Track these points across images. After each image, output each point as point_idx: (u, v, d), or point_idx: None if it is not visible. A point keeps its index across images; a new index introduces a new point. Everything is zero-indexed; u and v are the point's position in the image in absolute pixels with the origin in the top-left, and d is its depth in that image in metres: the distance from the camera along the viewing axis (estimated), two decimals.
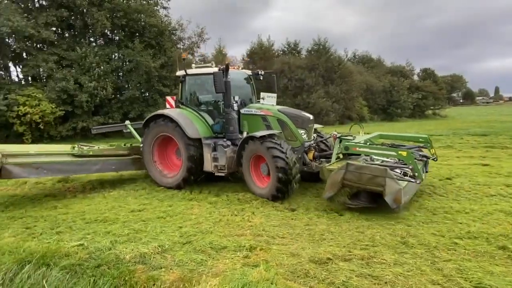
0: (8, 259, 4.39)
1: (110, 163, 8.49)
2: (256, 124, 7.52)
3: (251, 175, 6.99)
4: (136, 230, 5.12)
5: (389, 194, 5.18)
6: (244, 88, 8.46)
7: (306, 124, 7.31)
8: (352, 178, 5.51)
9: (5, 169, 6.55)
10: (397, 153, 5.91)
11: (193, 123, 7.66)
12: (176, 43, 26.73)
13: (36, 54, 21.33)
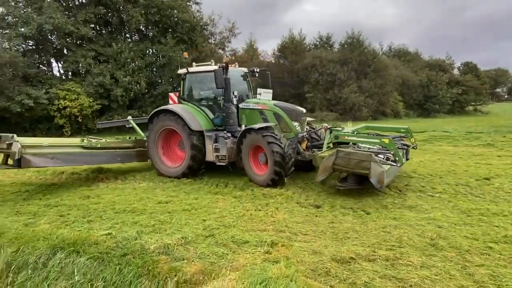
0: (42, 245, 4.66)
1: (116, 154, 9.25)
2: (254, 117, 8.14)
3: (250, 164, 7.62)
4: (161, 222, 5.25)
5: (374, 176, 5.87)
6: (241, 84, 9.05)
7: (300, 117, 8.00)
8: (342, 163, 6.23)
9: (25, 159, 7.14)
10: (380, 141, 6.74)
11: (195, 117, 8.28)
12: (208, 38, 27.03)
13: (76, 50, 22.37)
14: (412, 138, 8.16)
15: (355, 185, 6.50)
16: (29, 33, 19.85)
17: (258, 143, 7.30)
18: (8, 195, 7.33)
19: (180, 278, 3.69)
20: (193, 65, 9.12)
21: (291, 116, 7.86)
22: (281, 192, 6.68)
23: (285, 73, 34.55)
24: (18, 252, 4.63)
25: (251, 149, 7.55)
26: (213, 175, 8.52)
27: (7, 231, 5.17)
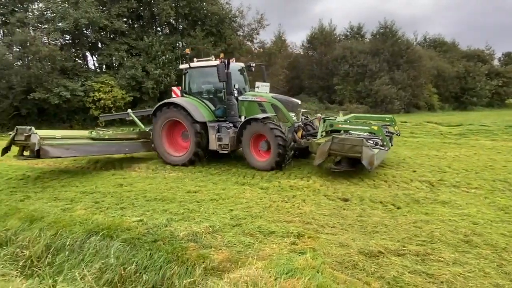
0: (78, 229, 4.91)
1: (124, 145, 9.88)
2: (253, 109, 8.77)
3: (251, 151, 8.29)
4: (190, 210, 5.38)
5: (365, 159, 6.60)
6: (239, 78, 9.58)
7: (295, 108, 8.78)
8: (337, 148, 6.98)
9: (43, 149, 7.62)
10: (370, 128, 7.79)
11: (198, 108, 8.86)
12: (236, 30, 27.05)
13: (109, 44, 23.11)
14: (396, 126, 9.16)
15: (348, 167, 7.21)
16: (66, 27, 20.70)
17: (261, 131, 7.99)
18: (47, 182, 7.76)
19: (208, 265, 3.78)
20: (194, 60, 9.57)
21: (287, 107, 8.59)
22: (309, 184, 6.64)
23: (314, 64, 34.08)
24: (56, 235, 4.90)
25: (252, 137, 8.25)
26: (241, 166, 8.60)
27: (47, 215, 5.49)
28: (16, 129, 8.03)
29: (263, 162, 8.08)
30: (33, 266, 4.42)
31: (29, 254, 4.68)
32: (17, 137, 7.88)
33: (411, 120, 19.89)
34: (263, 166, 8.06)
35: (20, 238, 5.07)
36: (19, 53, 20.45)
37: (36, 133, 7.67)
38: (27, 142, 7.69)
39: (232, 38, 25.04)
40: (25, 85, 19.24)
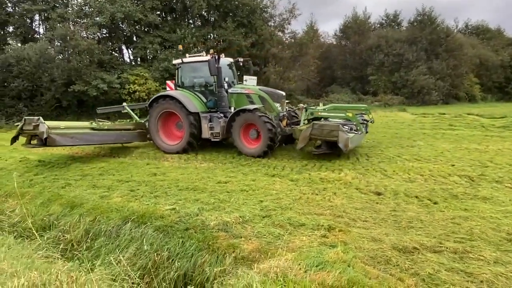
0: (115, 216, 5.13)
1: (122, 135, 10.60)
2: (242, 100, 9.48)
3: (241, 139, 9.02)
4: (221, 200, 5.46)
5: (341, 142, 7.46)
6: (228, 72, 10.24)
7: (280, 99, 9.58)
8: (316, 133, 7.87)
9: (50, 138, 8.32)
10: (345, 115, 8.75)
11: (191, 100, 9.61)
12: (267, 21, 26.81)
13: (144, 37, 23.69)
14: (370, 115, 10.25)
15: (327, 150, 8.10)
16: (103, 22, 21.41)
17: (251, 121, 8.76)
18: (86, 171, 8.14)
19: (238, 255, 3.83)
20: (187, 56, 10.39)
21: (273, 98, 9.39)
22: (340, 177, 6.52)
23: (346, 54, 33.23)
24: (94, 221, 5.15)
25: (242, 127, 8.97)
26: (271, 158, 8.59)
27: (86, 202, 5.77)
28: (24, 119, 8.63)
29: (253, 149, 8.84)
30: (73, 250, 4.68)
31: (70, 238, 4.96)
32: (25, 126, 8.47)
33: (450, 111, 18.96)
34: (253, 152, 8.80)
35: (62, 223, 5.38)
36: (60, 47, 21.44)
37: (44, 123, 8.31)
38: (35, 131, 8.26)
39: (263, 29, 24.83)
40: (65, 78, 20.19)
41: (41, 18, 24.33)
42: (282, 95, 9.70)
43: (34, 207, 6.00)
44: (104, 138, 10.10)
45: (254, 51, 24.16)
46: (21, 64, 19.43)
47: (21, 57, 19.44)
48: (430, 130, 12.98)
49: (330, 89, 31.49)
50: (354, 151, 9.02)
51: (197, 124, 9.50)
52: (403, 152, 8.82)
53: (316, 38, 30.97)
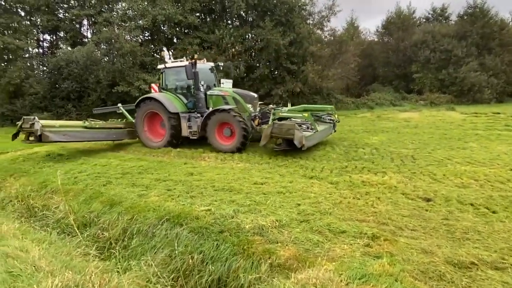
0: (152, 215, 5.14)
1: (111, 133, 11.58)
2: (218, 101, 10.37)
3: (216, 137, 9.86)
4: (256, 202, 5.29)
5: (296, 139, 8.13)
6: (209, 76, 11.36)
7: (252, 100, 10.39)
8: (276, 131, 8.61)
9: (44, 135, 9.36)
10: (302, 115, 9.35)
11: (172, 102, 10.55)
12: (306, 19, 26.32)
13: (183, 38, 24.19)
14: (336, 115, 11.06)
15: (286, 147, 8.72)
16: (145, 24, 22.13)
17: (226, 120, 9.59)
18: (127, 169, 8.32)
19: (274, 261, 3.64)
20: (170, 61, 11.33)
21: (245, 100, 10.17)
22: (384, 180, 6.11)
23: (389, 51, 31.84)
24: (132, 220, 5.19)
25: (217, 125, 9.78)
26: (308, 159, 8.31)
27: (124, 200, 5.86)
28: (23, 118, 9.74)
29: (227, 146, 9.70)
30: (111, 248, 4.73)
31: (108, 236, 5.03)
32: (24, 125, 9.55)
33: (506, 110, 17.48)
34: (227, 148, 9.64)
35: (101, 220, 5.49)
36: (105, 50, 22.46)
37: (39, 122, 9.36)
38: (31, 129, 9.35)
39: (301, 27, 24.37)
40: (110, 79, 21.10)
41: (89, 23, 25.66)
42: (254, 96, 10.65)
43: (76, 204, 6.20)
44: (94, 135, 11.13)
45: (292, 49, 23.80)
46: (70, 66, 20.58)
47: (70, 60, 20.59)
48: (484, 131, 11.97)
49: (371, 87, 30.35)
50: (398, 152, 8.50)
51: (177, 123, 10.46)
52: (454, 155, 8.16)
53: (356, 35, 29.97)
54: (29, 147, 12.42)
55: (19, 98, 21.52)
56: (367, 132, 12.14)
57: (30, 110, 21.14)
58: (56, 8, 24.69)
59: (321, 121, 10.48)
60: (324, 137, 10.25)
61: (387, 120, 16.14)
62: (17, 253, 3.23)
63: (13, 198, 7.04)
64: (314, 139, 9.07)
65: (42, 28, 24.81)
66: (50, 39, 26.69)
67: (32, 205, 6.57)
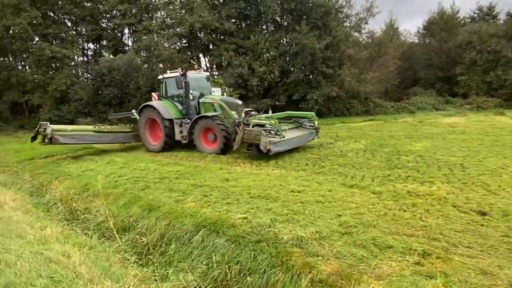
0: (189, 221, 5.12)
1: (117, 136, 13.12)
2: (208, 108, 11.52)
3: (201, 141, 10.97)
4: (294, 211, 5.11)
5: (262, 144, 8.79)
6: (204, 85, 12.60)
7: (237, 108, 11.29)
8: (247, 137, 9.26)
9: (54, 138, 10.89)
10: (270, 122, 9.75)
11: (167, 109, 11.82)
12: (343, 21, 25.80)
13: (219, 45, 24.54)
14: (316, 122, 11.16)
15: (256, 152, 9.26)
16: (183, 32, 22.71)
17: (209, 126, 10.65)
18: (164, 174, 8.45)
19: (315, 276, 3.45)
20: (168, 72, 12.61)
21: (231, 107, 11.11)
22: (432, 191, 5.70)
23: (431, 53, 30.39)
24: (169, 225, 5.20)
25: (202, 130, 10.87)
26: (347, 166, 7.99)
27: (162, 205, 5.90)
28: (39, 124, 11.45)
29: (211, 149, 10.67)
30: (149, 254, 4.74)
31: (146, 242, 5.06)
32: (40, 129, 11.22)
33: None
34: (210, 152, 10.58)
35: (140, 225, 5.55)
36: (145, 57, 23.27)
37: (50, 127, 10.99)
38: (45, 133, 10.92)
39: (338, 29, 23.88)
40: (149, 86, 21.80)
41: (130, 32, 26.78)
42: (238, 104, 11.61)
43: (116, 207, 6.34)
44: (101, 138, 12.57)
45: (328, 53, 23.36)
46: (112, 73, 21.52)
47: (112, 68, 21.54)
48: None
49: (411, 91, 29.10)
50: (446, 160, 7.96)
51: (171, 128, 11.65)
52: (509, 164, 7.50)
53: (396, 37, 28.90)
54: (74, 151, 13.06)
55: (65, 104, 22.79)
56: (410, 138, 11.55)
57: (75, 115, 22.34)
58: (100, 18, 26.01)
59: (302, 127, 11.19)
60: (301, 143, 10.67)
61: (431, 125, 15.32)
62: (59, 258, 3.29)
63: (58, 201, 7.34)
64: (282, 145, 9.57)
65: (87, 37, 26.25)
66: (94, 47, 28.17)
67: (74, 208, 6.80)
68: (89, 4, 25.35)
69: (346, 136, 13.23)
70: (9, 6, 20.77)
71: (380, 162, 8.18)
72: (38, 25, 22.25)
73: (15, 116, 23.42)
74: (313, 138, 11.16)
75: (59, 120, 20.78)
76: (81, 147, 13.80)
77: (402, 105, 25.28)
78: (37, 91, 22.75)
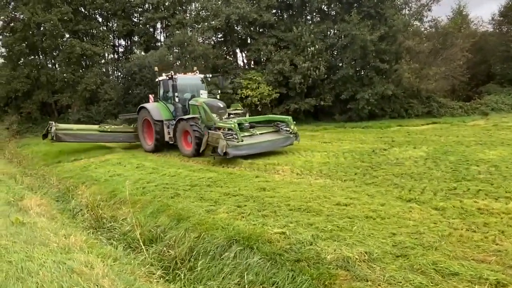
0: (220, 234, 5.18)
1: (119, 135, 15.65)
2: (195, 110, 13.02)
3: (182, 142, 12.76)
4: (340, 228, 5.00)
5: (220, 147, 10.28)
6: (197, 87, 14.37)
7: (218, 110, 12.71)
8: (210, 140, 10.93)
9: (57, 136, 13.78)
10: (230, 125, 11.12)
11: (159, 111, 13.92)
12: (401, 9, 25.01)
13: (258, 38, 24.77)
14: (292, 126, 12.12)
15: (219, 154, 10.46)
16: (218, 25, 23.19)
17: (186, 128, 12.38)
18: (195, 181, 8.64)
19: None
20: (163, 74, 14.25)
21: (212, 110, 12.45)
22: (508, 209, 5.31)
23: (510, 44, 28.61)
24: (199, 238, 5.29)
25: (182, 132, 12.65)
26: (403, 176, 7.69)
27: (192, 215, 6.03)
28: (49, 123, 14.35)
29: (188, 151, 12.44)
30: (176, 269, 4.85)
31: (174, 255, 5.18)
32: (48, 128, 14.01)
33: None
34: (188, 153, 12.39)
35: (168, 236, 5.71)
36: (178, 53, 24.02)
37: (54, 126, 13.87)
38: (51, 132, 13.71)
39: (395, 18, 23.14)
40: None
41: (162, 26, 27.78)
42: (220, 107, 13.01)
43: (143, 216, 6.58)
44: (103, 137, 15.29)
45: (383, 45, 22.67)
46: (142, 72, 22.41)
47: (143, 65, 22.43)
48: None
49: (484, 89, 27.49)
50: None
51: (161, 129, 13.61)
52: None
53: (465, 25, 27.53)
54: (101, 154, 13.74)
55: (94, 104, 24.07)
56: (481, 145, 10.89)
57: (104, 116, 23.53)
58: (132, 12, 27.24)
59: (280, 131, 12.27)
60: (272, 148, 11.71)
61: (508, 129, 14.36)
62: (82, 269, 3.46)
63: (83, 207, 7.75)
64: (243, 149, 10.79)
65: (118, 33, 27.57)
66: (125, 44, 29.53)
67: (100, 215, 7.14)
68: None
69: (404, 141, 12.78)
70: (40, 2, 22.38)
71: (445, 173, 7.79)
72: (68, 21, 23.76)
73: (44, 117, 25.06)
74: (291, 143, 12.14)
75: (88, 121, 21.98)
76: (109, 151, 14.53)
77: (473, 106, 23.93)
78: (66, 91, 24.28)
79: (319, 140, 14.65)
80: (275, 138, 11.89)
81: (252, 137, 11.56)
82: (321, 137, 15.82)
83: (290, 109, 23.19)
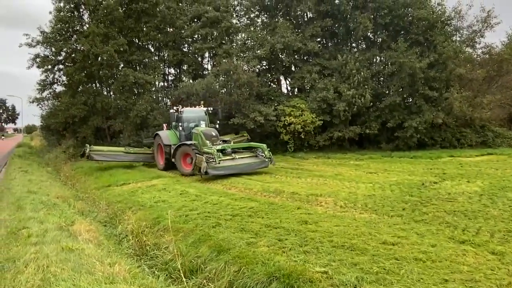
0: (260, 270, 5.08)
1: (139, 156, 19.51)
2: (196, 137, 16.06)
3: (181, 163, 15.72)
4: (386, 270, 4.73)
5: (202, 168, 13.41)
6: (201, 118, 17.87)
7: (210, 138, 15.63)
8: (197, 161, 14.00)
9: (91, 155, 17.77)
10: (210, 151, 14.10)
11: (168, 137, 17.31)
12: (451, 36, 24.24)
13: (302, 66, 24.96)
14: (266, 151, 15.41)
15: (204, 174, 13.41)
16: (263, 54, 23.70)
17: (188, 151, 15.43)
18: (236, 210, 8.63)
19: None
20: (174, 107, 18.19)
21: (206, 137, 15.50)
22: None
23: None
24: (239, 272, 5.22)
25: (182, 155, 15.64)
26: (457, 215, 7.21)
27: (232, 247, 5.98)
28: (86, 145, 18.51)
29: (187, 170, 15.24)
30: None
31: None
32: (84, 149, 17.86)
33: None
34: (188, 172, 15.16)
35: (208, 268, 5.69)
36: (223, 81, 24.71)
37: (89, 148, 17.90)
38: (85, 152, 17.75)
39: (445, 45, 22.42)
40: (227, 111, 22.98)
41: (210, 55, 28.85)
42: (212, 135, 15.82)
43: (185, 245, 6.61)
44: (127, 157, 18.89)
45: (432, 72, 21.96)
46: (190, 99, 23.20)
47: (191, 93, 23.25)
48: None
49: None
50: None
51: (169, 152, 16.70)
52: None
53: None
54: (148, 179, 14.19)
55: (144, 129, 25.16)
56: None
57: None
58: (182, 43, 28.61)
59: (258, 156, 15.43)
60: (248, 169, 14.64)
61: None
62: None
63: (129, 233, 7.96)
64: (221, 170, 13.76)
65: (168, 62, 29.00)
66: (175, 72, 30.92)
67: (144, 242, 7.28)
68: (172, 30, 28.17)
69: (456, 174, 12.09)
70: (99, 35, 24.17)
71: (503, 211, 7.23)
72: (123, 52, 25.40)
73: (97, 141, 26.53)
74: (266, 166, 15.21)
75: (137, 146, 22.96)
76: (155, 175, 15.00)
77: None
78: (119, 117, 25.69)
79: (364, 170, 14.24)
80: (251, 161, 15.10)
81: (233, 160, 14.68)
82: (367, 167, 15.38)
83: (334, 137, 22.88)
